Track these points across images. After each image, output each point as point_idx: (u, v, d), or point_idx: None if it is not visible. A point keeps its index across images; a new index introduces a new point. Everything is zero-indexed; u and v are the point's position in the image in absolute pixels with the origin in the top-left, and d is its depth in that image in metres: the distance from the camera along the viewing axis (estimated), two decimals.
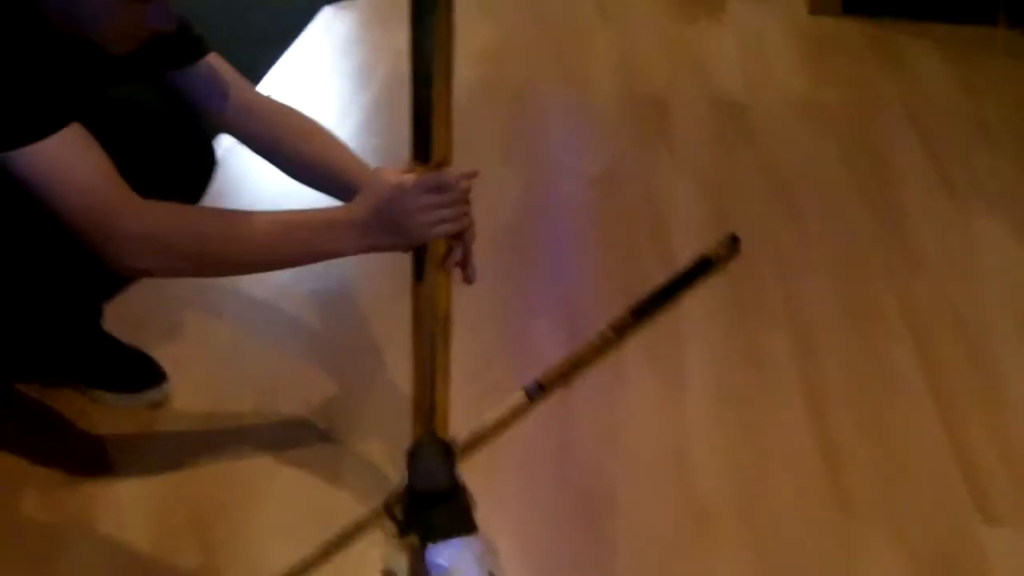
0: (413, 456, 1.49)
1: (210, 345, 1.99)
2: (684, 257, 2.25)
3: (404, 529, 1.50)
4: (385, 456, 1.74)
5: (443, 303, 1.51)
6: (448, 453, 1.51)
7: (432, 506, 1.45)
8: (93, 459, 1.72)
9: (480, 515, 1.62)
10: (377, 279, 2.18)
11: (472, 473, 1.70)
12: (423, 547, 1.42)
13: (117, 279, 1.79)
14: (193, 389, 1.87)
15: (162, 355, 1.89)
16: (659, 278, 2.18)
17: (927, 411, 1.88)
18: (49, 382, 1.86)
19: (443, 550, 1.41)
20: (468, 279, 1.54)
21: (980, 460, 1.78)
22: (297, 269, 2.18)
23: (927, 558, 1.59)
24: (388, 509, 1.62)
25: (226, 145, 1.85)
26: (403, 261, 1.50)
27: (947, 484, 1.73)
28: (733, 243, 2.30)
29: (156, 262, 1.40)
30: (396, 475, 1.68)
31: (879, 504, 1.69)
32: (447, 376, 1.56)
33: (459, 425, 1.75)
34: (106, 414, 1.81)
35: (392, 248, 1.46)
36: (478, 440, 1.78)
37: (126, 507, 1.63)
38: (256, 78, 3.05)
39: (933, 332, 2.08)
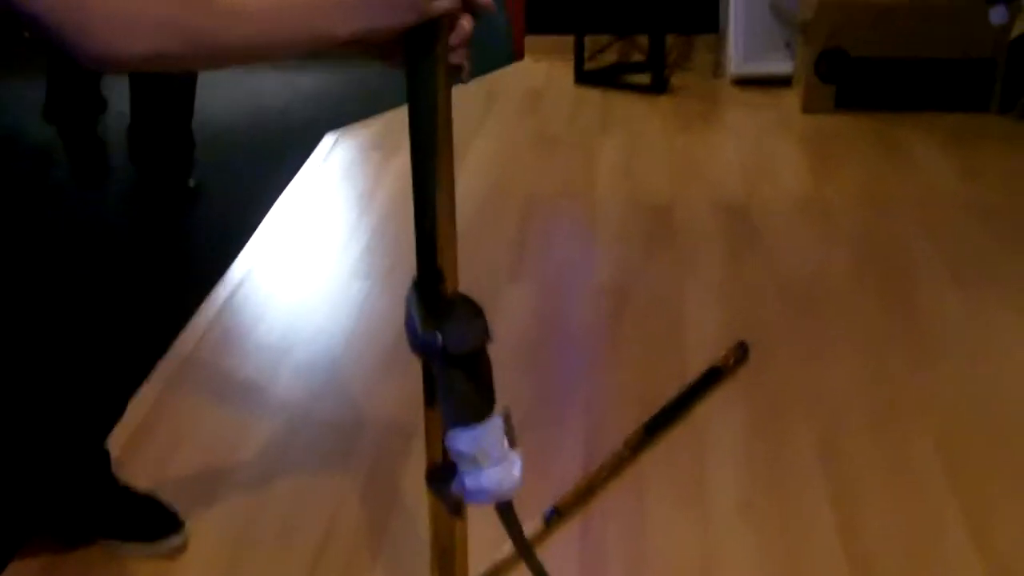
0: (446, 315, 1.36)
1: (229, 486, 1.98)
2: (697, 366, 2.24)
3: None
4: None
5: None
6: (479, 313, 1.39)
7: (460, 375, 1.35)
8: None
9: None
10: (393, 406, 2.17)
11: None
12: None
13: (113, 407, 1.78)
14: (211, 532, 1.85)
15: (179, 499, 1.87)
16: (673, 389, 2.17)
17: (952, 508, 1.85)
18: (65, 535, 1.85)
19: (463, 435, 1.32)
20: (463, 79, 1.40)
21: (1008, 561, 1.74)
22: (312, 395, 2.20)
23: None
24: None
25: None
26: (416, 390, 1.49)
27: None
28: (741, 351, 2.30)
29: (138, 41, 1.23)
30: None
31: None
32: (464, 514, 1.54)
33: (477, 556, 1.73)
34: (124, 569, 1.79)
35: (387, 29, 1.32)
36: (498, 572, 1.75)
37: None
38: (264, 206, 3.08)
39: (955, 429, 2.06)
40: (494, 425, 1.33)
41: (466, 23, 1.36)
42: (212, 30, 1.27)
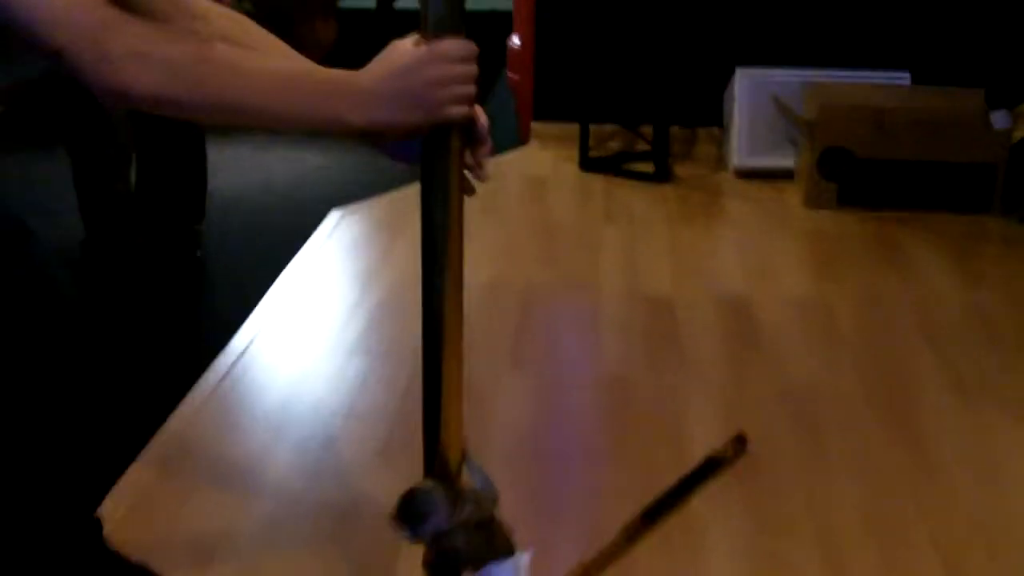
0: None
1: (223, 564, 1.96)
2: (696, 458, 2.24)
3: None
4: None
5: None
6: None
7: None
8: None
9: None
10: (390, 489, 2.15)
11: None
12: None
13: (106, 476, 1.77)
14: None
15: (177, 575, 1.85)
16: (672, 480, 2.16)
17: None
18: None
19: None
20: (482, 177, 1.43)
21: None
22: (308, 474, 2.19)
23: None
24: None
25: None
26: (414, 472, 1.49)
27: None
28: (740, 443, 2.29)
29: (151, 79, 1.30)
30: None
31: None
32: None
33: None
34: None
35: (400, 126, 1.34)
36: None
37: None
38: (267, 281, 3.09)
39: (956, 541, 2.03)
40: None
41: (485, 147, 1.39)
42: (213, 81, 1.33)
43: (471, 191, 1.44)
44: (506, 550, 1.43)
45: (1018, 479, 2.24)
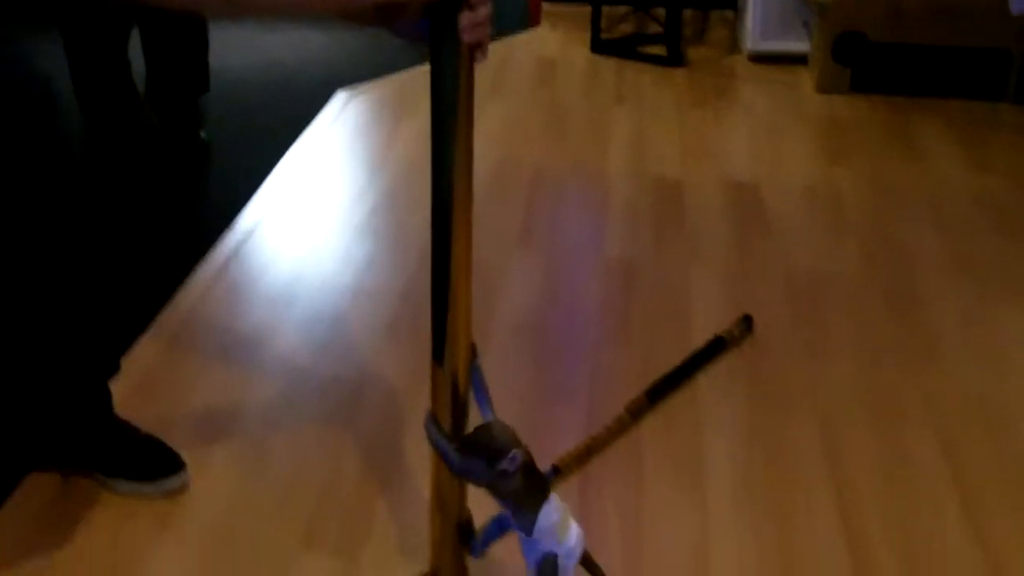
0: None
1: (231, 436, 1.99)
2: (701, 341, 2.25)
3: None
4: (404, 544, 1.73)
5: (462, 386, 1.50)
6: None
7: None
8: (113, 558, 1.71)
9: None
10: (398, 365, 2.18)
11: (490, 560, 1.69)
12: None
13: (117, 348, 1.79)
14: (213, 482, 1.86)
15: (184, 447, 1.88)
16: (676, 361, 2.18)
17: (951, 503, 1.86)
18: (66, 471, 1.86)
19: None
20: (480, 57, 1.40)
21: (1007, 559, 1.76)
22: (316, 350, 2.21)
23: None
24: None
25: None
26: (422, 349, 1.50)
27: None
28: (747, 324, 2.31)
29: None
30: (415, 563, 1.67)
31: None
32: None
33: (476, 511, 1.74)
34: (123, 507, 1.80)
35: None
36: None
37: None
38: (272, 161, 3.08)
39: (956, 424, 2.06)
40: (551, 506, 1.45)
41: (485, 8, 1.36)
42: None
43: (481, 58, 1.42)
44: (546, 493, 1.45)
45: (1019, 363, 2.25)
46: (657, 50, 4.00)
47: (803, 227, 2.80)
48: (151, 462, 1.84)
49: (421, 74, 1.42)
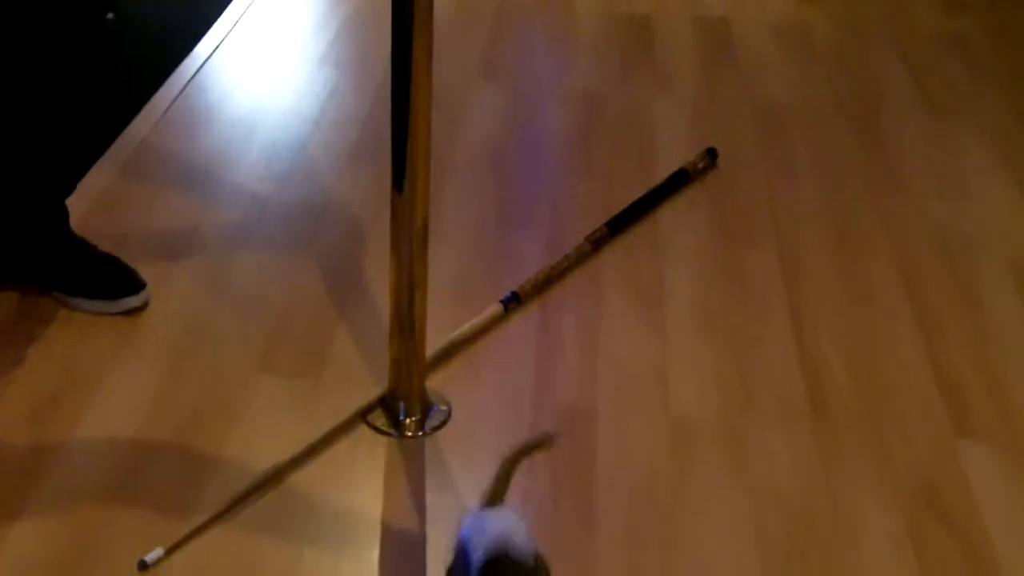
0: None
1: (191, 258, 1.98)
2: (665, 175, 2.24)
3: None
4: (363, 365, 1.74)
5: (421, 214, 1.49)
6: None
7: None
8: (73, 374, 1.71)
9: (455, 426, 1.63)
10: (359, 192, 2.16)
11: (449, 383, 1.71)
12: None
13: (71, 170, 1.77)
14: (174, 302, 1.85)
15: (144, 269, 1.87)
16: (639, 194, 2.17)
17: (908, 328, 1.89)
18: (24, 289, 1.84)
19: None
20: None
21: (959, 377, 1.79)
22: (278, 176, 2.19)
23: (904, 471, 1.60)
24: (364, 416, 1.63)
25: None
26: (383, 177, 1.48)
27: (925, 400, 1.74)
28: (711, 156, 2.29)
29: None
30: (373, 384, 1.68)
31: (858, 418, 1.70)
32: (424, 288, 1.56)
33: (436, 336, 1.75)
34: (83, 325, 1.80)
35: None
36: (454, 349, 1.78)
37: (107, 421, 1.62)
38: None
39: (915, 251, 2.08)
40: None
41: None
42: None
43: None
44: None
45: (979, 196, 2.26)
46: None
47: (772, 62, 2.77)
48: (111, 281, 1.83)
49: None
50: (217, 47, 2.70)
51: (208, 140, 2.33)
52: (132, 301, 1.81)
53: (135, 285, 1.82)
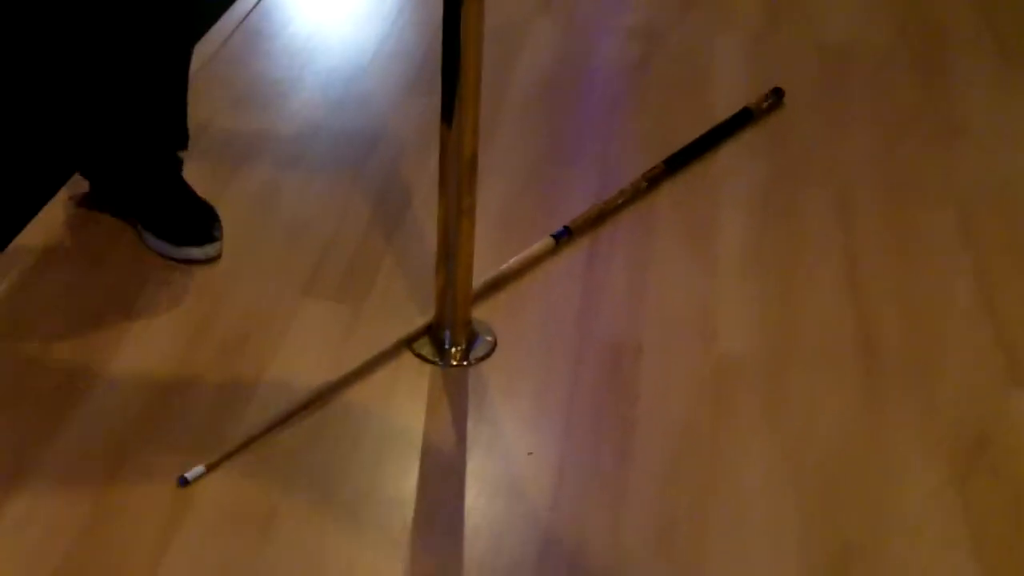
0: None
1: (242, 182, 1.98)
2: (724, 114, 2.21)
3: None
4: (410, 294, 1.74)
5: (469, 145, 1.48)
6: None
7: None
8: (120, 291, 1.73)
9: (500, 357, 1.63)
10: (413, 123, 2.16)
11: (495, 314, 1.71)
12: None
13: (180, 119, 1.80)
14: (223, 224, 1.86)
15: (195, 189, 1.87)
16: (696, 133, 2.14)
17: (964, 277, 1.85)
18: (101, 208, 1.87)
19: None
20: None
21: (1016, 327, 1.75)
22: (332, 104, 2.18)
23: (952, 419, 1.57)
24: (410, 343, 1.63)
25: None
26: (437, 110, 1.47)
27: (979, 349, 1.71)
28: (776, 96, 2.26)
29: None
30: (419, 313, 1.69)
31: (907, 365, 1.67)
32: (472, 218, 1.55)
33: (485, 268, 1.75)
34: (143, 252, 1.81)
35: None
36: (502, 281, 1.77)
37: (150, 341, 1.64)
38: None
39: (975, 200, 2.03)
40: None
41: None
42: None
43: None
44: None
45: None
46: None
47: (838, 0, 2.71)
48: (184, 226, 1.80)
49: None
50: None
51: (267, 66, 2.33)
52: (193, 251, 1.78)
53: (204, 236, 1.80)
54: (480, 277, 1.72)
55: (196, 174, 1.95)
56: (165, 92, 1.80)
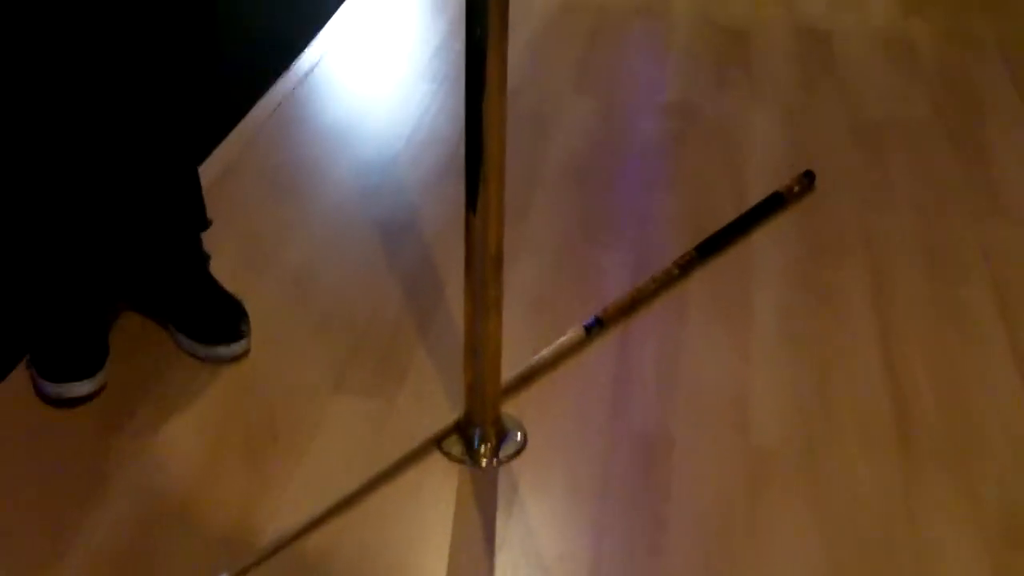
0: None
1: (274, 271, 1.99)
2: (758, 193, 2.19)
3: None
4: (441, 388, 1.73)
5: (494, 238, 1.48)
6: None
7: None
8: (149, 389, 1.73)
9: (530, 454, 1.62)
10: (445, 211, 2.16)
11: (525, 408, 1.69)
12: None
13: (195, 197, 1.81)
14: (254, 315, 1.85)
15: (227, 281, 1.88)
16: (731, 214, 2.13)
17: (1003, 358, 1.82)
18: (133, 307, 1.88)
19: None
20: None
21: None
22: (366, 192, 2.19)
23: (993, 506, 1.54)
24: (439, 442, 1.62)
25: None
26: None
27: (1020, 434, 1.67)
28: (808, 179, 2.24)
29: None
30: (450, 408, 1.68)
31: (946, 449, 1.64)
32: (499, 313, 1.54)
33: (515, 360, 1.73)
34: (162, 346, 1.82)
35: None
36: (532, 374, 1.76)
37: (179, 434, 1.64)
38: (336, 4, 3.03)
39: (1014, 279, 2.00)
40: None
41: None
42: None
43: None
44: None
45: None
46: None
47: (873, 75, 2.70)
48: (212, 324, 1.80)
49: None
50: (316, 62, 2.72)
51: (301, 153, 2.35)
52: (221, 350, 1.78)
53: (232, 334, 1.79)
54: (511, 368, 1.71)
55: (227, 264, 1.96)
56: (176, 181, 1.80)
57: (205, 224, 1.87)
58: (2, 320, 1.86)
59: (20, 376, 1.73)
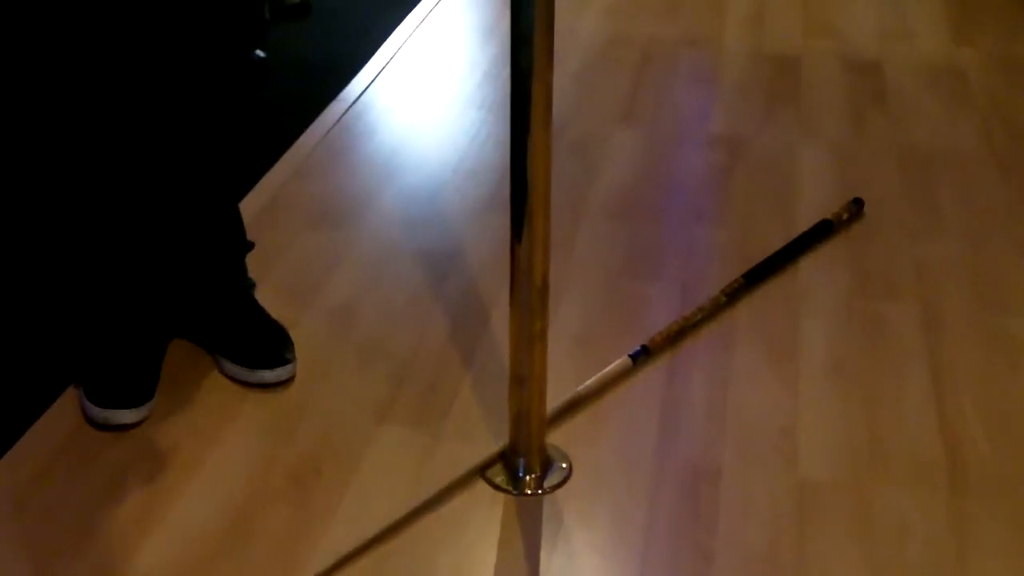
0: None
1: (319, 302, 2.00)
2: (806, 225, 2.18)
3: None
4: (485, 418, 1.73)
5: (540, 268, 1.48)
6: None
7: None
8: (194, 418, 1.74)
9: (575, 484, 1.61)
10: (491, 241, 2.16)
11: (570, 439, 1.68)
12: None
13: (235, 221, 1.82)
14: (299, 346, 1.86)
15: (273, 311, 1.88)
16: (779, 246, 2.12)
17: None
18: (179, 335, 1.88)
19: None
20: None
21: None
22: (410, 222, 2.20)
23: None
24: (483, 471, 1.62)
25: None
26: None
27: None
28: (856, 206, 2.22)
29: None
30: (494, 438, 1.67)
31: (999, 490, 1.61)
32: (544, 342, 1.54)
33: (560, 391, 1.73)
34: (208, 374, 1.82)
35: None
36: (578, 403, 1.75)
37: (223, 468, 1.64)
38: (388, 28, 3.05)
39: None
40: None
41: None
42: None
43: None
44: None
45: None
46: None
47: (923, 107, 2.68)
48: (256, 349, 1.81)
49: None
50: (365, 89, 2.74)
51: (348, 182, 2.37)
52: (266, 375, 1.78)
53: (277, 359, 1.80)
54: (557, 398, 1.71)
55: (274, 295, 1.97)
56: (222, 208, 1.82)
57: (247, 246, 1.89)
58: (52, 343, 1.88)
59: (67, 402, 1.75)
